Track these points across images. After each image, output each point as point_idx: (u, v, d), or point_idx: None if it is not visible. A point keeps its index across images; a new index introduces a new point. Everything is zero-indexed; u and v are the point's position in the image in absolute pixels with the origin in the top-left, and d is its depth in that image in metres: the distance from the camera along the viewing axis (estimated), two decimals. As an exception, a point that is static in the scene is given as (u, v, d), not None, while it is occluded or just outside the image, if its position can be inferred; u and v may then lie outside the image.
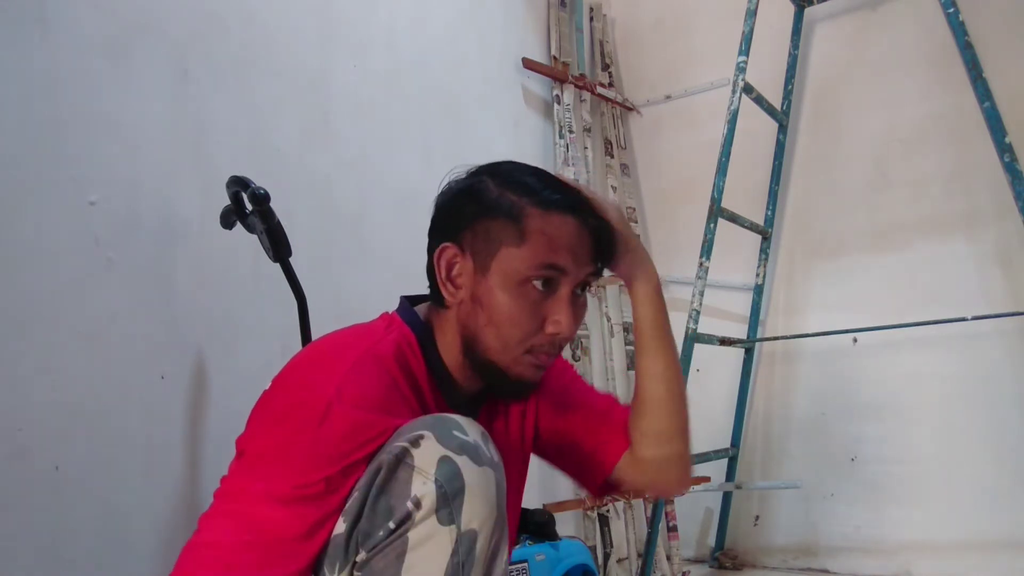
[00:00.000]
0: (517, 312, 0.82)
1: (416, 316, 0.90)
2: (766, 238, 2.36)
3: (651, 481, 0.97)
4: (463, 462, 0.72)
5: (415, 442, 0.72)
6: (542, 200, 0.83)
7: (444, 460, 0.71)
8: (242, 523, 0.72)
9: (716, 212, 2.04)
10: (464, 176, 0.89)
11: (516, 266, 0.82)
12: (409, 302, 0.93)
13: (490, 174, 0.87)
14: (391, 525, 0.71)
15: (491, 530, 0.73)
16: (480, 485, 0.72)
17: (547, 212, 0.83)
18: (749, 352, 2.35)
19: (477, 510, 0.72)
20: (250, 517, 0.72)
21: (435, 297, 0.89)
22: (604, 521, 2.18)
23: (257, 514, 0.72)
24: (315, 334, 1.35)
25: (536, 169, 0.89)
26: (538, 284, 0.83)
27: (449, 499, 0.71)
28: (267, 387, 0.82)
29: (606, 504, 2.18)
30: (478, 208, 0.84)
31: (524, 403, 0.99)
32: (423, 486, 0.71)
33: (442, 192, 0.89)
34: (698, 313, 2.00)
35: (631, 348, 2.39)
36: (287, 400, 0.79)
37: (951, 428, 2.06)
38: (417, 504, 0.70)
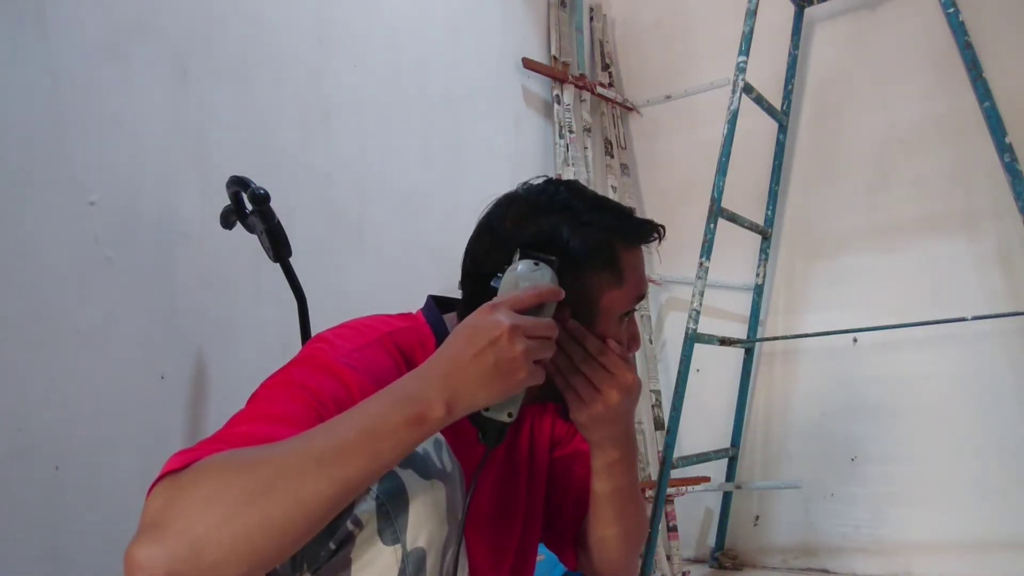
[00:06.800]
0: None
1: (443, 326, 0.87)
2: (766, 238, 2.36)
3: None
4: (407, 476, 0.67)
5: None
6: (625, 235, 0.83)
7: (386, 474, 0.66)
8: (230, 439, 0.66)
9: (716, 212, 2.03)
10: (520, 214, 0.82)
11: (618, 306, 0.83)
12: (437, 304, 0.90)
13: (563, 213, 0.81)
14: (332, 546, 0.65)
15: (442, 548, 0.68)
16: (427, 500, 0.67)
17: (629, 245, 0.83)
18: (749, 352, 2.35)
19: (425, 527, 0.67)
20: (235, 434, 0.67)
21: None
22: (604, 521, 2.17)
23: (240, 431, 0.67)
24: (315, 334, 1.35)
25: (593, 194, 0.86)
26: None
27: (392, 517, 0.66)
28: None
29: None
30: (573, 260, 0.80)
31: (532, 420, 0.97)
32: (364, 503, 0.65)
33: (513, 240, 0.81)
34: (698, 313, 2.00)
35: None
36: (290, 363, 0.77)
37: (951, 428, 2.06)
38: (358, 523, 0.65)
